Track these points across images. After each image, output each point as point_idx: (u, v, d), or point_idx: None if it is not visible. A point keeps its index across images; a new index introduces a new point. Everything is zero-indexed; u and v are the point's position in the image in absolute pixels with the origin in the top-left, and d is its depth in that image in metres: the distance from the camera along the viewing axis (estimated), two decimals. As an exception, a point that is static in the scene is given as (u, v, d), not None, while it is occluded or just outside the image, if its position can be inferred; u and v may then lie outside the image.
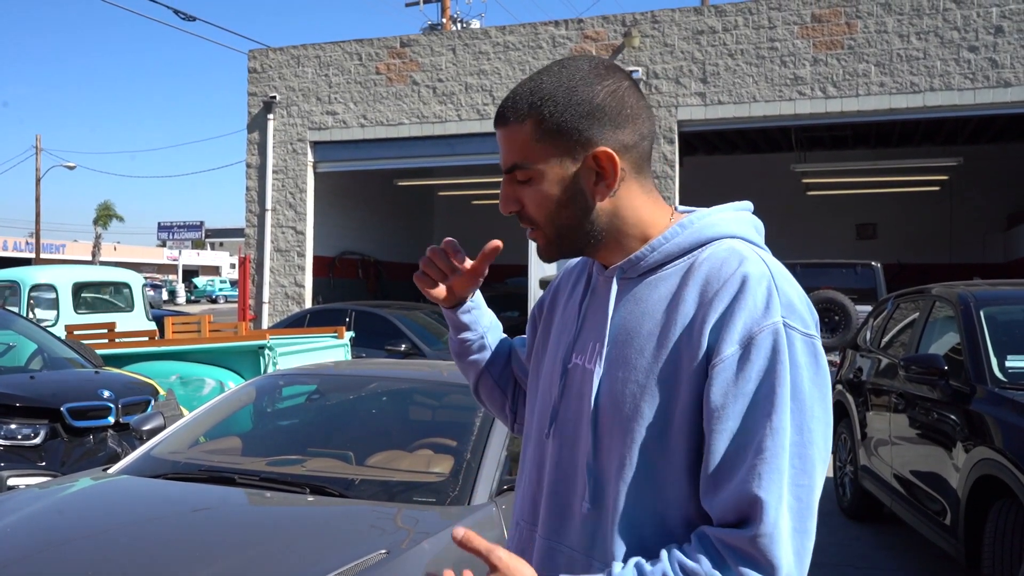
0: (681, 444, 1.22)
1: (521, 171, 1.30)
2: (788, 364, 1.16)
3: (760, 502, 1.13)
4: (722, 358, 1.17)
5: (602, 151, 1.27)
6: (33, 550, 2.63)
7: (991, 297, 5.15)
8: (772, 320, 1.17)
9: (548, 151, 1.28)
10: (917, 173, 17.45)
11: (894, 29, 12.26)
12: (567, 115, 1.27)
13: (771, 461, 1.14)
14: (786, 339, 1.17)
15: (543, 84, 1.29)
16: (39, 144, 41.57)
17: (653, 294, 1.28)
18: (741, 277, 1.20)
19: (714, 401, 1.17)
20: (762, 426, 1.15)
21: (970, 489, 4.19)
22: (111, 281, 12.74)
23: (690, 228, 1.30)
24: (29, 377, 6.08)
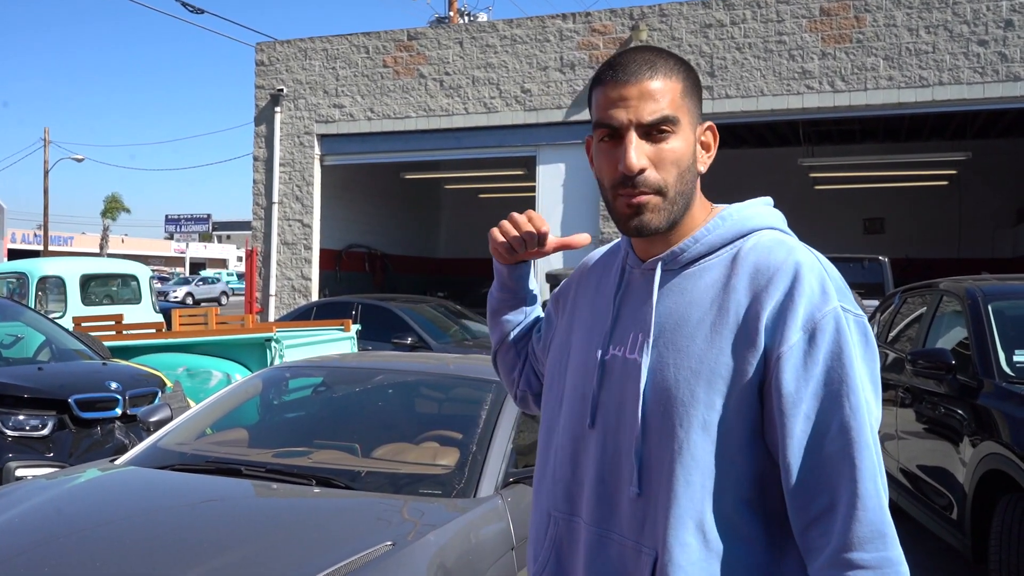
0: (738, 427, 1.25)
1: (669, 124, 1.30)
2: (852, 346, 1.23)
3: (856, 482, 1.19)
4: (789, 345, 1.22)
5: (711, 125, 1.37)
6: (41, 540, 2.64)
7: (999, 292, 5.13)
8: (832, 305, 1.24)
9: (689, 111, 1.33)
10: (925, 168, 17.39)
11: (903, 23, 12.20)
12: (699, 86, 1.36)
13: (858, 439, 1.20)
14: (845, 322, 1.24)
15: (662, 55, 1.34)
16: (47, 137, 41.70)
17: (698, 283, 1.32)
18: (794, 266, 1.26)
19: (786, 386, 1.22)
20: (841, 407, 1.21)
21: (977, 484, 4.19)
22: (119, 273, 12.78)
23: (730, 220, 1.35)
24: (37, 368, 6.10)
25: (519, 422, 3.43)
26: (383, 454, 3.44)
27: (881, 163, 17.00)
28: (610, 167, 1.32)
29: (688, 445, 1.26)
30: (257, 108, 15.99)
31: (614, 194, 1.33)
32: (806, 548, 1.23)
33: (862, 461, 1.19)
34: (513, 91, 14.18)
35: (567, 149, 13.83)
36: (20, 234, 54.07)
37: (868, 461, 1.19)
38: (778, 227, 1.37)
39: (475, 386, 3.89)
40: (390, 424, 3.89)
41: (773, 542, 1.27)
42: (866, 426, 1.20)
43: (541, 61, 14.05)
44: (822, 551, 1.21)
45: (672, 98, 1.30)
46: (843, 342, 1.22)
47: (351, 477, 3.12)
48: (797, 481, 1.22)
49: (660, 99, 1.29)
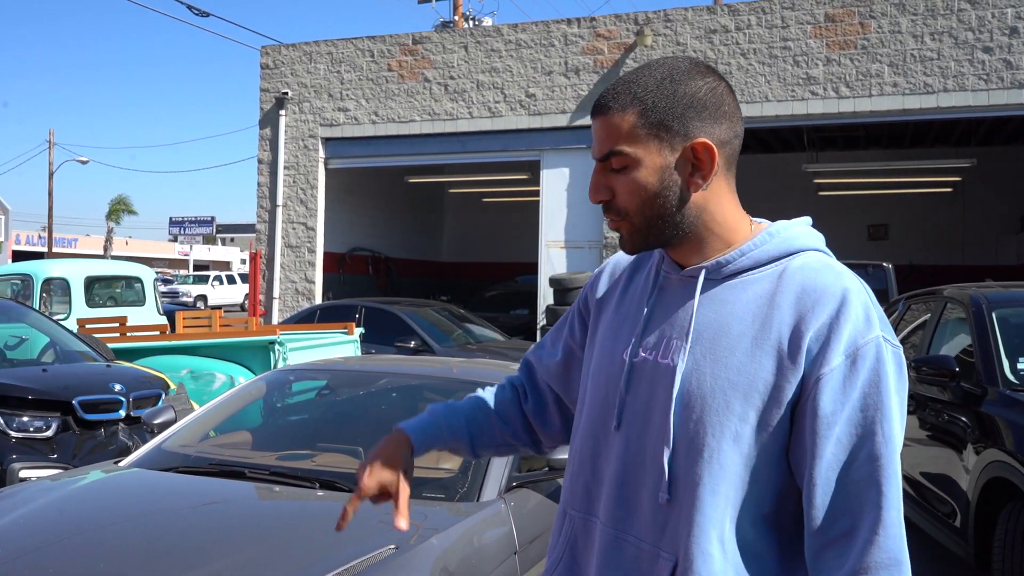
0: (769, 442, 1.27)
1: (618, 158, 1.33)
2: (891, 376, 1.25)
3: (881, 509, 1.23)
4: (830, 368, 1.24)
5: (700, 142, 1.32)
6: (44, 542, 2.65)
7: (1003, 299, 5.13)
8: (875, 334, 1.25)
9: (648, 139, 1.32)
10: (930, 174, 17.37)
11: (908, 29, 12.20)
12: (669, 105, 1.32)
13: (887, 468, 1.23)
14: (886, 352, 1.26)
15: (645, 77, 1.34)
16: (52, 139, 41.79)
17: (741, 296, 1.32)
18: (842, 291, 1.27)
19: (823, 408, 1.24)
20: (874, 433, 1.23)
21: (980, 491, 4.18)
22: (123, 275, 12.80)
23: (778, 237, 1.35)
24: (41, 370, 6.12)
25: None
26: (386, 457, 3.44)
27: (885, 169, 16.97)
28: None
29: (719, 455, 1.27)
30: (262, 111, 16.02)
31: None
32: (817, 568, 1.24)
33: (889, 488, 1.22)
34: (517, 95, 14.20)
35: (571, 154, 13.84)
36: (24, 236, 54.17)
37: (894, 489, 1.23)
38: (823, 250, 1.38)
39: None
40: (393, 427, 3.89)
41: (784, 559, 1.29)
42: (895, 455, 1.24)
43: (546, 66, 14.06)
44: (835, 572, 1.22)
45: (621, 132, 1.32)
46: (882, 371, 1.24)
47: (354, 480, 3.12)
48: (820, 502, 1.23)
49: (609, 132, 1.33)
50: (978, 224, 18.87)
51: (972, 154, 15.84)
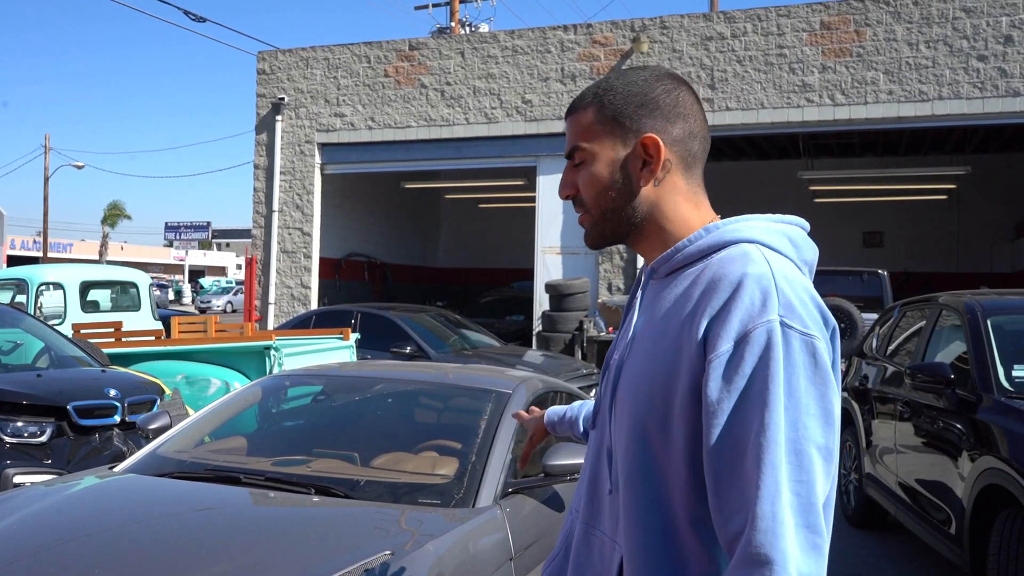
0: (680, 435, 1.25)
1: (578, 152, 1.42)
2: (782, 361, 1.18)
3: (756, 502, 1.14)
4: (717, 354, 1.20)
5: (649, 137, 1.37)
6: (38, 548, 2.64)
7: (998, 306, 5.14)
8: (768, 318, 1.19)
9: (603, 135, 1.40)
10: (925, 182, 17.43)
11: (903, 37, 12.25)
12: (623, 103, 1.39)
13: (764, 457, 1.15)
14: (781, 337, 1.19)
15: (609, 79, 1.43)
16: (48, 143, 41.74)
17: (671, 293, 1.34)
18: (739, 275, 1.23)
19: (709, 396, 1.20)
20: (753, 422, 1.16)
21: (975, 498, 4.18)
22: (118, 280, 12.77)
23: (714, 232, 1.35)
24: (36, 375, 6.09)
25: (518, 432, 3.43)
26: (382, 463, 3.44)
27: (881, 177, 17.03)
28: None
29: (635, 449, 1.31)
30: (258, 116, 16.02)
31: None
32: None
33: (763, 480, 1.13)
34: (514, 102, 14.22)
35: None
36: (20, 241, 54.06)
37: (770, 481, 1.13)
38: (762, 241, 1.32)
39: (474, 396, 3.89)
40: (389, 433, 3.89)
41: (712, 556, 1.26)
42: (777, 445, 1.15)
43: (542, 72, 14.09)
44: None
45: (580, 128, 1.42)
46: (772, 356, 1.17)
47: (350, 486, 3.12)
48: (713, 496, 1.19)
49: (572, 130, 1.43)
50: (973, 231, 18.93)
51: (967, 162, 15.89)
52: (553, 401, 4.17)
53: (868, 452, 6.19)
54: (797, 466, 1.16)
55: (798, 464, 1.16)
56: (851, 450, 6.63)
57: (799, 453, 1.16)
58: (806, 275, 1.34)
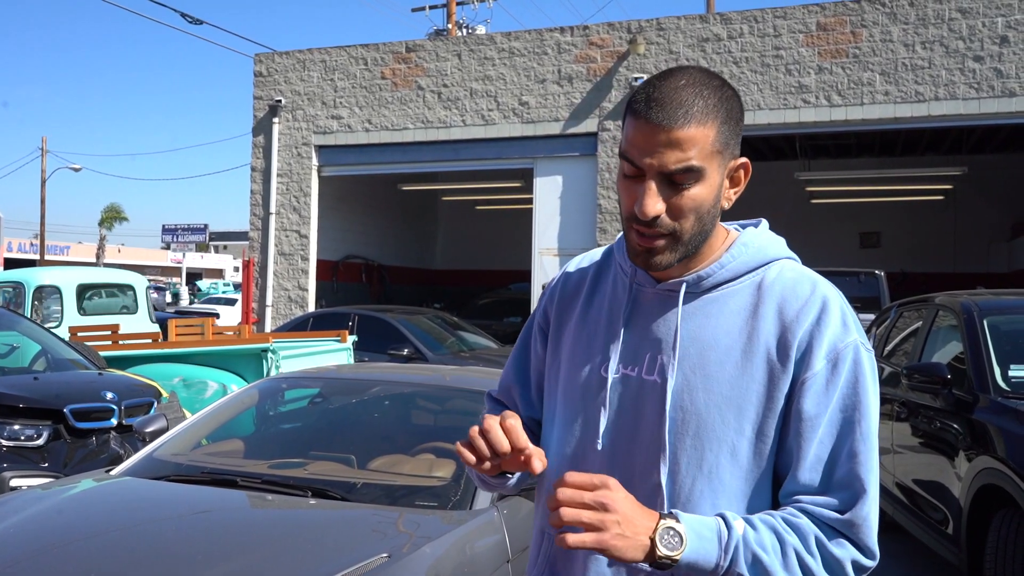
0: (767, 453, 1.29)
1: (692, 174, 1.25)
2: (869, 376, 1.30)
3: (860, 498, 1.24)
4: (813, 372, 1.27)
5: (744, 163, 1.34)
6: (35, 551, 2.64)
7: (995, 306, 5.15)
8: (852, 338, 1.30)
9: (715, 156, 1.27)
10: (921, 182, 17.45)
11: (899, 38, 12.26)
12: (737, 121, 1.31)
13: (865, 463, 1.26)
14: (865, 356, 1.30)
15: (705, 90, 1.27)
16: (45, 146, 41.68)
17: (723, 309, 1.33)
18: (822, 299, 1.31)
19: (806, 411, 1.27)
20: (854, 431, 1.27)
21: (972, 498, 4.19)
22: (115, 283, 12.76)
23: (752, 247, 1.37)
24: (33, 378, 6.09)
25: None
26: (379, 466, 3.44)
27: (877, 177, 17.05)
28: (628, 201, 1.30)
29: (717, 470, 1.28)
30: (255, 119, 16.02)
31: (628, 226, 1.31)
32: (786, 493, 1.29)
33: (868, 482, 1.25)
34: (511, 104, 14.22)
35: (564, 162, 13.86)
36: (16, 243, 53.98)
37: (872, 484, 1.26)
38: (792, 256, 1.42)
39: (471, 398, 3.89)
40: (386, 436, 3.89)
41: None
42: (874, 452, 1.27)
43: (539, 74, 14.09)
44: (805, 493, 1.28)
45: (701, 148, 1.24)
46: (860, 373, 1.28)
47: (347, 489, 3.12)
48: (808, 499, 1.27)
49: (688, 149, 1.24)
50: (969, 232, 18.95)
51: (963, 162, 15.91)
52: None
53: (865, 453, 6.19)
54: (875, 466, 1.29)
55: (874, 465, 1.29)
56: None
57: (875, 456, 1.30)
58: None
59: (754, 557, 1.19)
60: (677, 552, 1.17)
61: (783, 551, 1.21)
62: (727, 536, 1.19)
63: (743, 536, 1.19)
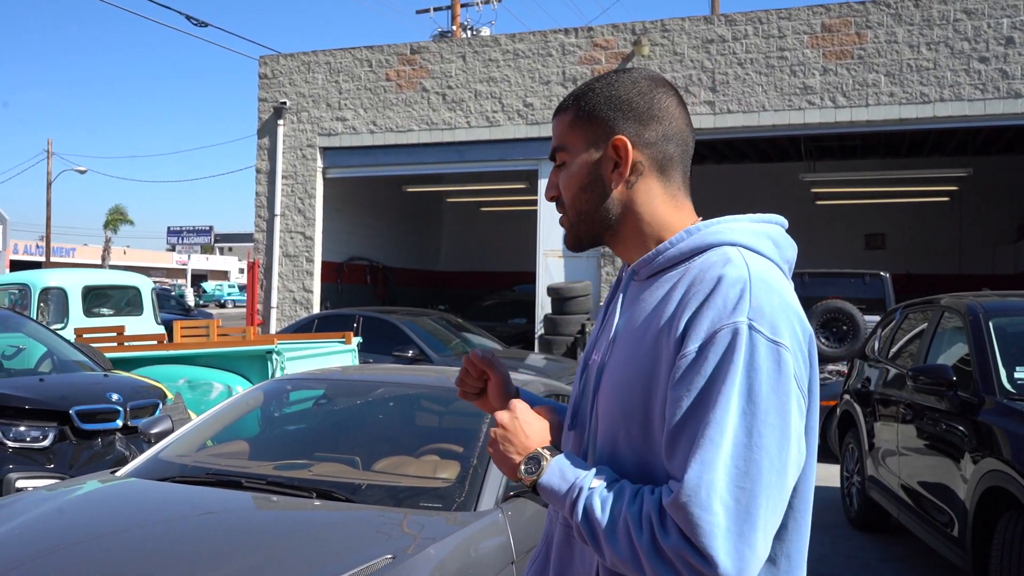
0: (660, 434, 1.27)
1: (559, 153, 1.44)
2: (742, 364, 1.18)
3: (689, 489, 1.14)
4: (684, 352, 1.22)
5: (618, 138, 1.37)
6: (41, 552, 2.64)
7: (1000, 308, 5.14)
8: (735, 319, 1.19)
9: (580, 137, 1.41)
10: (927, 184, 17.41)
11: (904, 39, 12.25)
12: (599, 105, 1.40)
13: (696, 453, 1.15)
14: (747, 340, 1.18)
15: (591, 83, 1.44)
16: (50, 148, 41.80)
17: (652, 295, 1.34)
18: (716, 278, 1.24)
19: (671, 392, 1.22)
20: (700, 418, 1.17)
21: (978, 501, 4.18)
22: (121, 285, 12.79)
23: (695, 234, 1.35)
24: (38, 380, 6.10)
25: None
26: (384, 467, 3.44)
27: (882, 179, 17.01)
28: None
29: (620, 450, 1.32)
30: (260, 121, 16.04)
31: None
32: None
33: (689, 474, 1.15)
34: (515, 105, 14.23)
35: (569, 163, 13.84)
36: (22, 245, 54.13)
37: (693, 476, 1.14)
38: (744, 244, 1.32)
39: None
40: (391, 437, 3.89)
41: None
42: (714, 446, 1.15)
43: (543, 75, 14.10)
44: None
45: (560, 129, 1.44)
46: (732, 358, 1.17)
47: (351, 490, 3.12)
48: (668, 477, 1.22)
49: (555, 132, 1.45)
50: (975, 233, 18.91)
51: (969, 164, 15.88)
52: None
53: (870, 454, 6.19)
54: (743, 473, 1.15)
55: (744, 471, 1.15)
56: (854, 453, 6.62)
57: (748, 460, 1.16)
58: (787, 273, 1.36)
59: (586, 509, 1.24)
60: (531, 477, 1.33)
61: (613, 514, 1.21)
62: (580, 481, 1.27)
63: (592, 488, 1.25)
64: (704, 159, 16.88)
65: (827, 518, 6.55)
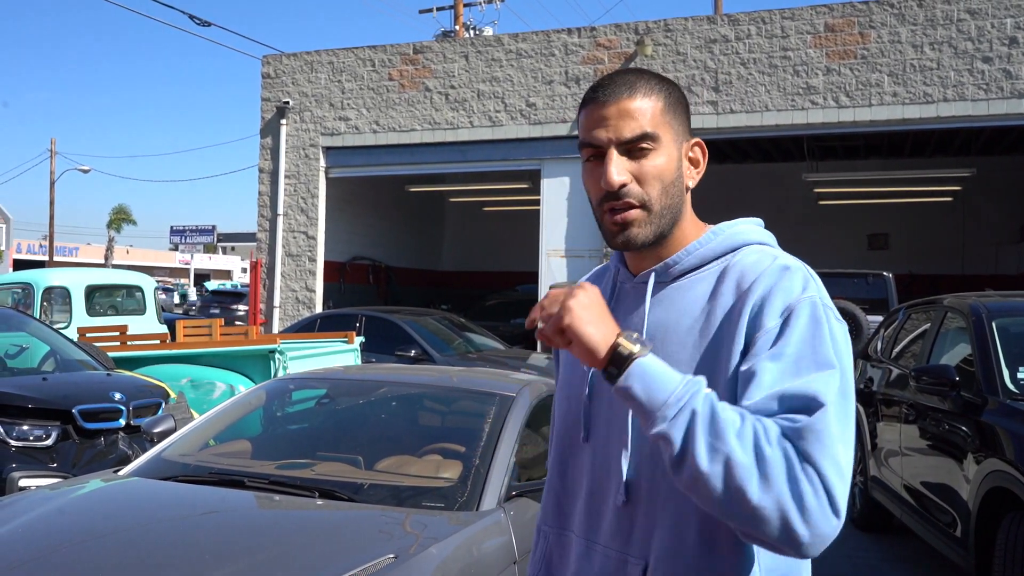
0: None
1: (648, 140, 1.32)
2: (828, 323, 1.23)
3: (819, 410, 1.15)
4: (764, 329, 1.23)
5: (699, 141, 1.40)
6: (44, 551, 2.65)
7: (1003, 308, 5.13)
8: (809, 294, 1.25)
9: (670, 129, 1.36)
10: (930, 184, 17.39)
11: (907, 39, 12.23)
12: (682, 103, 1.40)
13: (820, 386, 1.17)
14: (824, 307, 1.25)
15: (647, 75, 1.38)
16: (54, 148, 41.84)
17: (688, 295, 1.33)
18: (780, 267, 1.28)
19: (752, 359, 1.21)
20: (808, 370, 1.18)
21: (981, 501, 4.17)
22: (123, 284, 12.80)
23: (722, 235, 1.38)
24: (41, 379, 6.11)
25: (522, 435, 3.43)
26: (386, 466, 3.44)
27: (885, 179, 16.99)
28: (595, 185, 1.35)
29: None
30: (263, 120, 16.05)
31: (601, 211, 1.36)
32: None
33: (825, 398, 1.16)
34: (518, 105, 14.23)
35: (572, 163, 13.85)
36: (26, 244, 54.22)
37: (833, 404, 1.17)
38: (767, 243, 1.40)
39: (478, 399, 3.89)
40: (393, 436, 3.89)
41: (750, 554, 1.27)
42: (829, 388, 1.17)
43: (546, 75, 14.09)
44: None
45: (652, 115, 1.33)
46: (820, 322, 1.23)
47: (354, 489, 3.12)
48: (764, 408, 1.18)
49: (639, 117, 1.32)
50: (978, 234, 18.88)
51: (972, 164, 15.86)
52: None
53: (873, 455, 6.18)
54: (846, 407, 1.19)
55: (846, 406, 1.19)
56: (856, 453, 6.62)
57: (847, 396, 1.20)
58: None
59: (712, 412, 1.14)
60: (639, 349, 1.18)
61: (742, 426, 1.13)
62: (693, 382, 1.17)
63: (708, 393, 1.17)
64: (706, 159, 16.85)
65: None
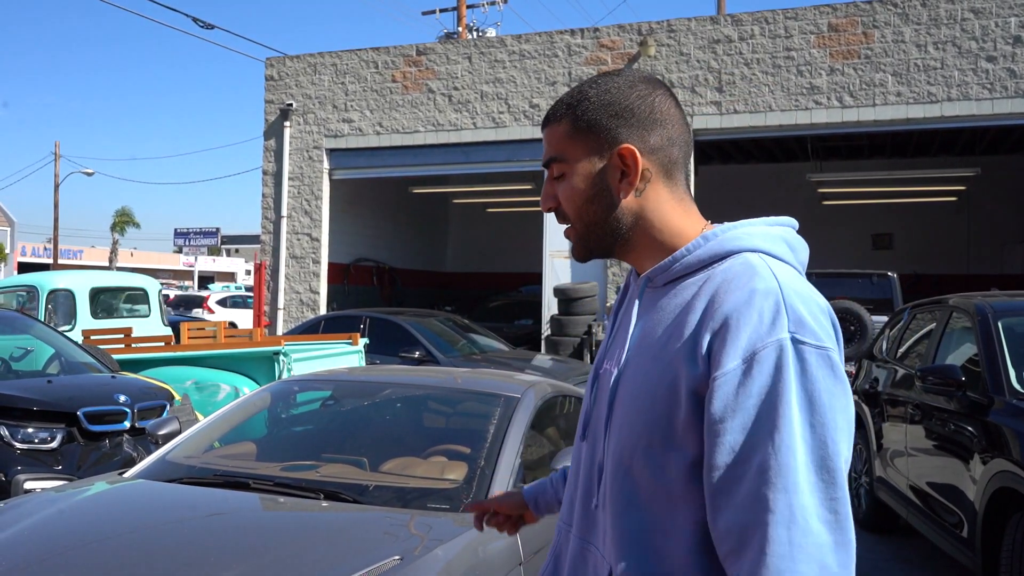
0: (684, 449, 1.21)
1: (556, 165, 1.38)
2: (795, 381, 1.14)
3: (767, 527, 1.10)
4: (724, 371, 1.16)
5: (626, 148, 1.33)
6: (49, 554, 2.65)
7: (1009, 308, 5.11)
8: (777, 336, 1.15)
9: (579, 147, 1.36)
10: (934, 183, 17.37)
11: (911, 39, 12.21)
12: (598, 113, 1.35)
13: (775, 481, 1.11)
14: (794, 355, 1.15)
15: (583, 89, 1.38)
16: (58, 151, 41.91)
17: (670, 303, 1.30)
18: (748, 291, 1.19)
19: (714, 414, 1.16)
20: (764, 444, 1.13)
21: (987, 501, 4.16)
22: (128, 287, 12.82)
23: (712, 240, 1.30)
24: (46, 381, 6.12)
25: (527, 437, 3.43)
26: (391, 468, 3.44)
27: (890, 179, 16.97)
28: None
29: (636, 464, 1.25)
30: (266, 122, 16.07)
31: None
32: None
33: (776, 504, 1.11)
34: (521, 106, 14.23)
35: (575, 164, 13.84)
36: (30, 247, 54.34)
37: (783, 505, 1.10)
38: (764, 249, 1.29)
39: (483, 400, 3.89)
40: (398, 438, 3.89)
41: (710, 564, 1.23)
42: (791, 469, 1.11)
43: (549, 76, 14.09)
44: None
45: (555, 140, 1.38)
46: (782, 378, 1.14)
47: (359, 491, 3.12)
48: (714, 514, 1.16)
49: (550, 142, 1.39)
50: (983, 233, 18.85)
51: (976, 163, 15.83)
52: (562, 406, 4.17)
53: (879, 455, 6.17)
54: (830, 483, 1.13)
55: (831, 481, 1.13)
56: (862, 453, 6.60)
57: (831, 471, 1.13)
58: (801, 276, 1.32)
59: None
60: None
61: None
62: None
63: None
64: (710, 159, 16.87)
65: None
